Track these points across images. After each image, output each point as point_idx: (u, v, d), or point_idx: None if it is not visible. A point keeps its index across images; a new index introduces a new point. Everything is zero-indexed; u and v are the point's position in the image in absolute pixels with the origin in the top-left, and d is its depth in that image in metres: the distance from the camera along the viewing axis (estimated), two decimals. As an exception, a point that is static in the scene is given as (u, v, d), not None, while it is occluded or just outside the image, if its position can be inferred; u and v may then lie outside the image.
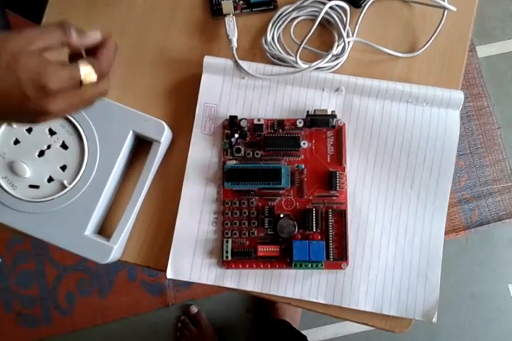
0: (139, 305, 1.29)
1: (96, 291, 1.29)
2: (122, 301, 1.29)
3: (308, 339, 1.09)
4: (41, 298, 1.29)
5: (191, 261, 0.52)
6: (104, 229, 0.54)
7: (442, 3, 0.55)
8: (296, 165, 0.53)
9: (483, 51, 1.42)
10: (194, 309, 1.27)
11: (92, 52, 0.40)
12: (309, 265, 0.50)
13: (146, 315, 1.29)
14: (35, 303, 1.29)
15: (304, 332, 1.11)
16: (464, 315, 1.30)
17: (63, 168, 0.52)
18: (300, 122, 0.53)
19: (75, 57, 0.40)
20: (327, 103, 0.54)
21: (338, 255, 0.51)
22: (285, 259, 0.51)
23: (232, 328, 1.28)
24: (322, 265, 0.50)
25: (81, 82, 0.38)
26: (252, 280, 0.52)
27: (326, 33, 0.57)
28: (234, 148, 0.53)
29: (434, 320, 0.50)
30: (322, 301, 0.51)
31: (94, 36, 0.40)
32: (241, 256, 0.51)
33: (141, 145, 0.55)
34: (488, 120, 1.39)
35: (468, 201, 1.33)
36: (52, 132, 0.52)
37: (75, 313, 1.28)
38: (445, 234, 1.29)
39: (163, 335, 1.28)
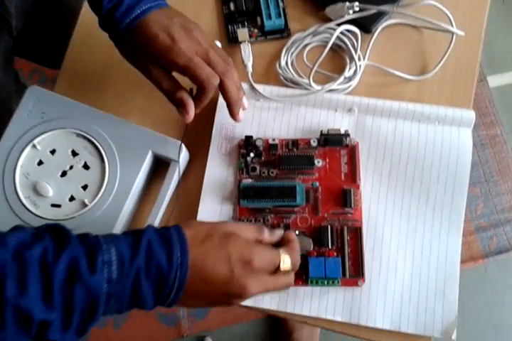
0: (153, 337, 1.27)
1: (110, 322, 1.28)
2: (137, 332, 1.27)
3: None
4: (56, 329, 1.28)
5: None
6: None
7: (451, 28, 0.57)
8: (310, 183, 0.53)
9: (494, 81, 1.44)
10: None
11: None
12: (325, 282, 0.50)
13: (160, 347, 1.27)
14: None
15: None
16: (488, 348, 1.26)
17: (84, 187, 0.53)
18: (314, 141, 0.54)
19: None
20: (340, 123, 0.56)
21: (354, 272, 0.51)
22: (301, 276, 0.51)
23: (248, 360, 1.26)
24: (338, 282, 0.50)
25: (278, 268, 0.43)
26: (268, 298, 0.51)
27: (338, 58, 0.59)
28: (249, 167, 0.54)
29: (454, 337, 0.49)
30: (339, 319, 0.51)
31: (279, 233, 0.46)
32: (257, 274, 0.51)
33: (160, 166, 0.57)
34: (502, 148, 1.39)
35: (486, 229, 1.32)
36: (74, 153, 0.54)
37: (89, 345, 1.27)
38: (463, 263, 1.28)
39: (178, 367, 1.26)
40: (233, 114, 0.53)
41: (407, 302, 0.51)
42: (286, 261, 0.43)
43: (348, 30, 0.57)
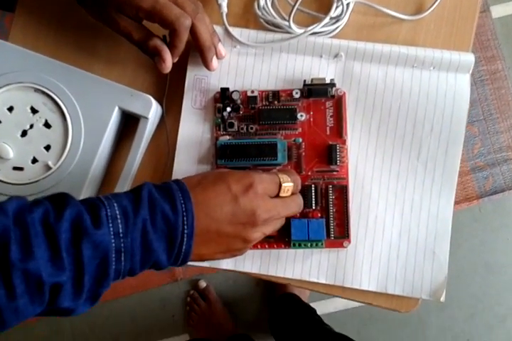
0: (147, 281, 1.29)
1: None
2: (130, 278, 1.28)
3: (317, 312, 1.08)
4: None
5: (185, 243, 0.49)
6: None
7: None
8: (293, 138, 0.49)
9: (498, 11, 1.35)
10: (203, 284, 1.27)
11: None
12: (309, 244, 0.48)
13: (155, 290, 1.29)
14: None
15: (313, 305, 1.11)
16: (477, 285, 1.28)
17: (47, 148, 0.49)
18: (296, 93, 0.49)
19: None
20: (325, 70, 0.50)
21: (339, 233, 0.48)
22: (283, 239, 0.48)
23: (241, 302, 1.28)
24: (322, 244, 0.48)
25: (280, 188, 0.42)
26: (250, 261, 0.49)
27: (325, -6, 0.53)
28: (226, 123, 0.50)
29: (442, 299, 0.48)
30: (323, 281, 0.49)
31: (274, 171, 0.48)
32: (237, 237, 0.48)
33: (131, 122, 0.52)
34: (503, 84, 1.33)
35: (482, 169, 1.29)
36: (34, 110, 0.49)
37: (85, 290, 1.28)
38: (458, 204, 1.27)
39: (173, 310, 1.29)
40: (206, 62, 0.49)
41: (394, 262, 0.49)
42: (285, 178, 0.43)
43: (334, -38, 0.50)
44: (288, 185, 0.43)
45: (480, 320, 1.28)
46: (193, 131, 0.51)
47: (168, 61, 0.46)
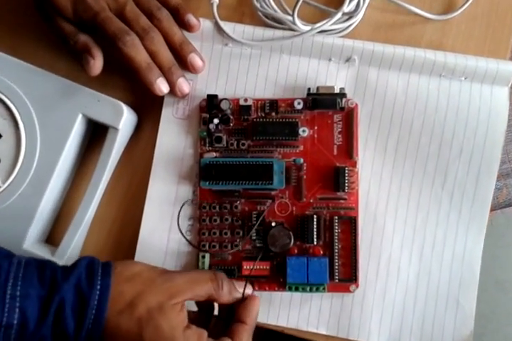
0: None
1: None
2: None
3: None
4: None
5: (159, 280, 0.41)
6: (54, 237, 0.44)
7: None
8: (293, 158, 0.41)
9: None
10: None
11: None
12: (308, 288, 0.40)
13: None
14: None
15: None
16: (487, 304, 1.20)
17: (-5, 162, 0.41)
18: (299, 103, 0.41)
19: None
20: (335, 77, 0.42)
21: (345, 275, 0.40)
22: (277, 279, 0.40)
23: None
24: (324, 288, 0.40)
25: None
26: (236, 306, 0.41)
27: (337, -15, 0.44)
28: (213, 137, 0.41)
29: (467, 358, 0.40)
30: (324, 332, 0.41)
31: (239, 295, 0.38)
32: (221, 275, 0.40)
33: (101, 131, 0.44)
34: (520, 88, 1.24)
35: (496, 179, 1.21)
36: (-19, 116, 0.41)
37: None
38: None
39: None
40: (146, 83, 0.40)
41: (410, 311, 0.41)
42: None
43: None
44: None
45: (488, 342, 1.20)
46: (174, 144, 0.42)
47: (98, 60, 0.40)
